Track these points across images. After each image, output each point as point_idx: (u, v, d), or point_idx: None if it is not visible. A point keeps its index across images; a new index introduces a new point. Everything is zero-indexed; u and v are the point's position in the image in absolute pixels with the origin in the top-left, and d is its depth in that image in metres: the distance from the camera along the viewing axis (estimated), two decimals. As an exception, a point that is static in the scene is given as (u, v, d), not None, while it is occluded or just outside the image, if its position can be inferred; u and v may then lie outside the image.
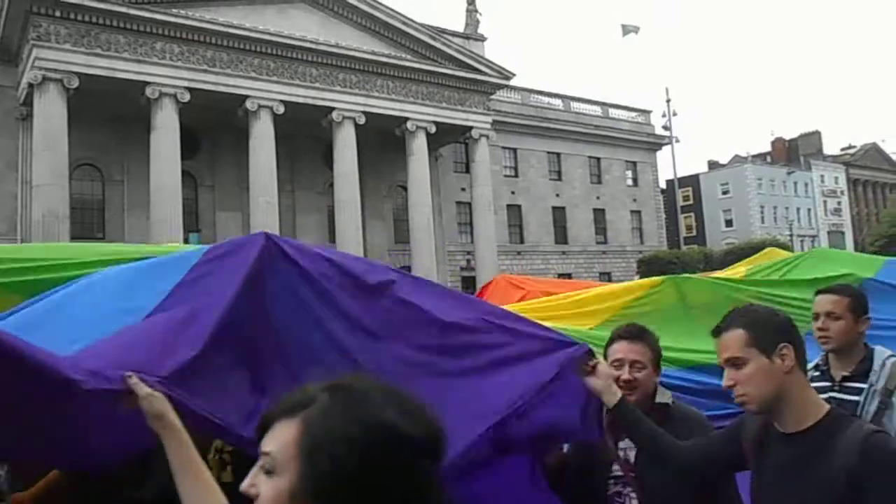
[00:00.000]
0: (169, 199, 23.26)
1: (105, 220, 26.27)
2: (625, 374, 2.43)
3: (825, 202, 64.37)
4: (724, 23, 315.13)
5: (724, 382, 1.92)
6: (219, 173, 28.64)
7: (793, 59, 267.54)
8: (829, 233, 63.42)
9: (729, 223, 59.31)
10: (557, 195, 39.60)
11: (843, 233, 64.72)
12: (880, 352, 2.88)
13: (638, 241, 42.66)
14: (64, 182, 22.02)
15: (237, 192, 28.00)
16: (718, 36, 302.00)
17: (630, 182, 43.44)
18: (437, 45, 30.29)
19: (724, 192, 60.41)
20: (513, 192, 37.71)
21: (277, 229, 25.71)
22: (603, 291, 4.24)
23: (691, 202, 60.15)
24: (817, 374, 2.96)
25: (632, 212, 43.00)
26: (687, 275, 4.17)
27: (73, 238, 22.38)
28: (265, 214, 25.23)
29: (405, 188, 31.04)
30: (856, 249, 59.60)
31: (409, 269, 29.42)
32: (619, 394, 2.19)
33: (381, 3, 28.83)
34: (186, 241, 24.89)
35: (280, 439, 1.00)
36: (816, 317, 2.99)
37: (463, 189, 34.31)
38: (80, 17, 22.43)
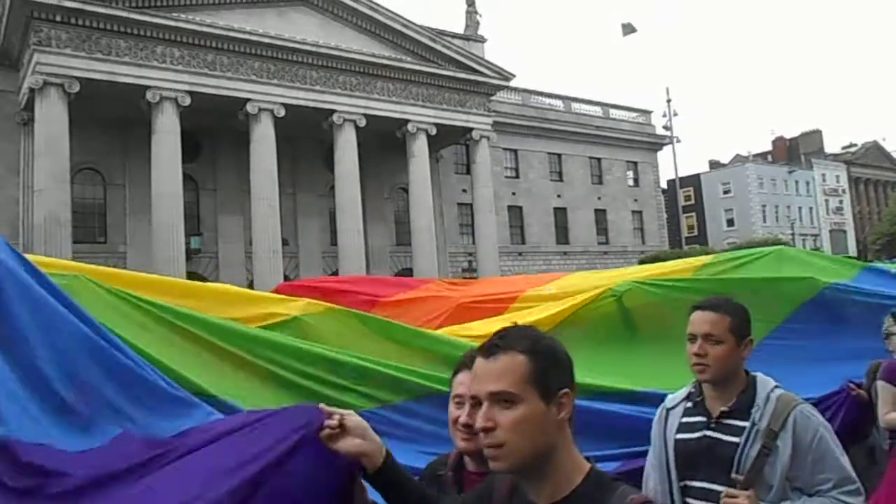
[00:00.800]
0: (170, 203, 23.28)
1: (107, 225, 26.30)
2: (463, 416, 1.84)
3: (827, 201, 64.31)
4: (725, 22, 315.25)
5: (478, 423, 1.42)
6: (220, 177, 28.67)
7: (793, 58, 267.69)
8: (830, 232, 63.37)
9: (730, 223, 59.27)
10: (558, 196, 39.60)
11: (844, 231, 64.66)
12: (764, 382, 2.41)
13: (639, 242, 42.64)
14: (65, 186, 22.04)
15: (238, 195, 28.02)
16: (719, 35, 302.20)
17: (631, 182, 43.43)
18: (438, 46, 30.31)
19: (726, 192, 60.37)
20: (514, 193, 37.72)
21: (279, 232, 25.78)
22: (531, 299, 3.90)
23: (693, 202, 60.11)
24: (690, 405, 2.47)
25: (633, 212, 42.99)
26: (631, 280, 3.86)
27: (75, 242, 22.43)
28: (266, 217, 25.26)
29: (406, 190, 31.05)
30: (857, 248, 59.58)
31: (410, 270, 29.46)
32: (384, 452, 1.57)
33: (380, 6, 28.86)
34: (188, 244, 24.95)
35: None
36: (692, 339, 2.43)
37: (464, 190, 34.31)
38: (80, 22, 22.47)
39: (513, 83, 33.93)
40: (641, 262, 36.52)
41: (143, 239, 24.63)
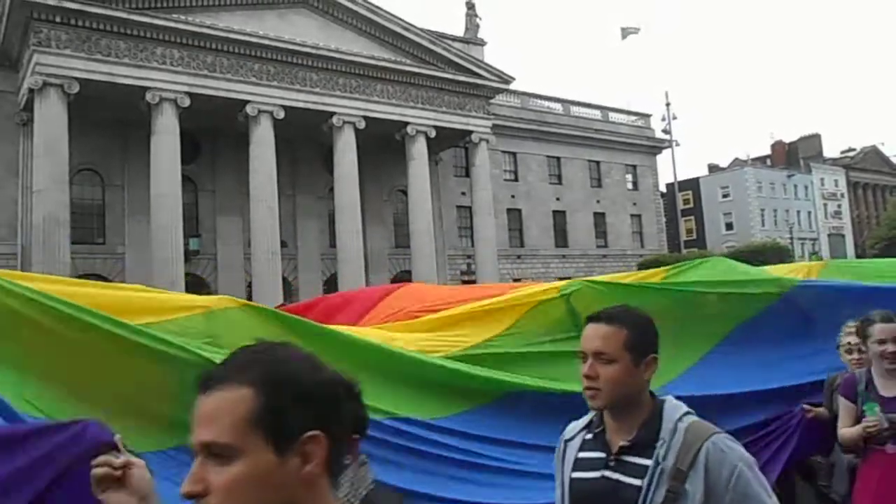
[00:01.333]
0: (169, 204, 23.26)
1: (105, 226, 26.28)
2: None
3: (825, 205, 64.39)
4: (724, 26, 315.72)
5: (184, 488, 1.01)
6: (219, 178, 28.66)
7: (792, 62, 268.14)
8: (829, 236, 63.44)
9: (729, 226, 59.32)
10: (558, 199, 39.61)
11: (843, 236, 64.74)
12: (672, 409, 1.98)
13: (638, 245, 42.65)
14: (64, 187, 22.03)
15: (238, 196, 28.01)
16: (718, 39, 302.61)
17: (630, 186, 43.45)
18: (437, 49, 30.34)
19: (725, 196, 60.43)
20: (513, 196, 37.73)
21: (278, 234, 25.76)
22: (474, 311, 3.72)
23: (692, 206, 60.15)
24: (589, 436, 2.07)
25: (632, 215, 43.00)
26: (581, 280, 3.77)
27: (74, 243, 22.41)
28: (266, 219, 25.24)
29: (405, 192, 31.05)
30: (856, 252, 59.63)
31: (409, 273, 29.44)
32: None
33: (380, 8, 28.88)
34: (187, 245, 24.93)
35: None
36: (584, 358, 2.02)
37: (463, 193, 34.32)
38: (80, 23, 22.47)
39: (512, 86, 33.97)
40: (640, 265, 36.53)
41: (142, 240, 24.60)
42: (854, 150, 71.27)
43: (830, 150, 71.51)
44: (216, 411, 1.01)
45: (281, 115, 26.02)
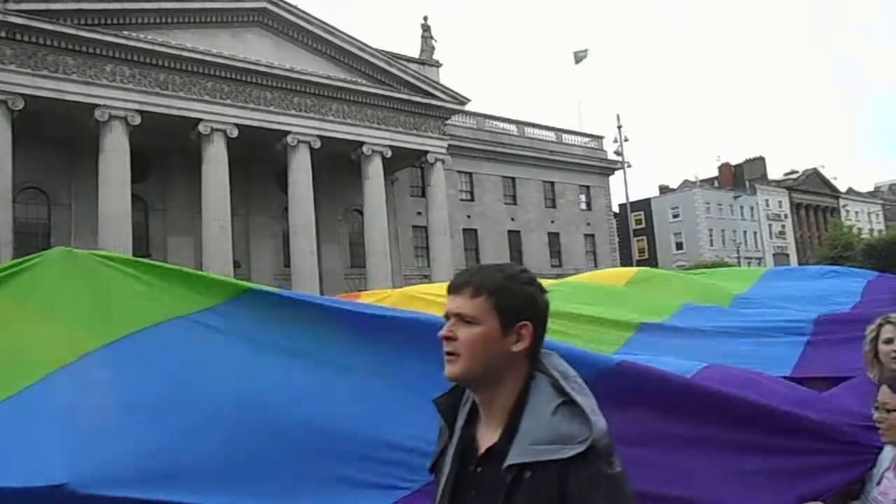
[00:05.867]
0: (118, 224, 22.72)
1: (51, 245, 25.28)
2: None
3: (770, 225, 66.40)
4: (675, 53, 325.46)
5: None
6: (170, 197, 28.12)
7: (737, 88, 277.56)
8: (774, 255, 65.36)
9: (679, 246, 60.66)
10: (513, 219, 39.99)
11: (787, 255, 66.76)
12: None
13: (592, 265, 43.24)
14: (7, 206, 21.35)
15: (189, 216, 27.50)
16: (668, 64, 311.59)
17: (584, 206, 44.16)
18: (393, 70, 30.49)
19: (675, 216, 61.85)
20: (469, 216, 37.95)
21: (230, 255, 25.36)
22: None
23: (643, 226, 61.44)
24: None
25: (585, 235, 43.65)
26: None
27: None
28: (218, 240, 24.84)
29: (361, 212, 30.94)
30: (800, 271, 61.40)
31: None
32: None
33: (336, 28, 28.93)
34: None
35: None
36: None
37: (419, 213, 34.37)
38: (26, 38, 21.93)
39: (468, 107, 34.30)
40: (594, 284, 37.10)
41: None
42: (797, 172, 73.79)
43: (774, 172, 73.97)
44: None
45: (234, 133, 25.74)
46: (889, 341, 3.23)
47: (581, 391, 1.47)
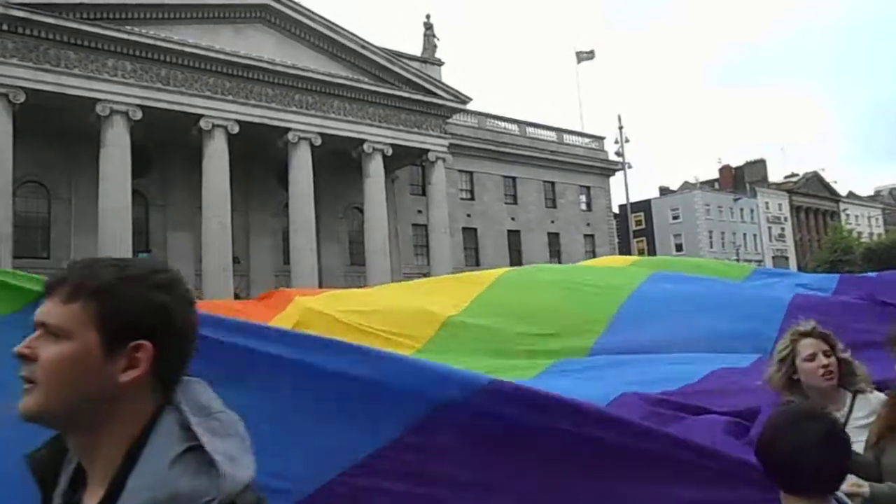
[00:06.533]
0: (118, 218, 22.71)
1: (50, 240, 25.47)
2: None
3: (770, 228, 66.39)
4: (677, 54, 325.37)
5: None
6: (170, 193, 28.10)
7: (740, 89, 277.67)
8: (773, 258, 65.34)
9: (679, 247, 60.63)
10: (513, 219, 39.98)
11: (787, 258, 66.75)
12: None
13: (591, 265, 43.22)
14: (7, 200, 21.34)
15: (189, 212, 27.48)
16: (671, 66, 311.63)
17: (584, 206, 44.15)
18: (395, 68, 30.46)
19: (675, 217, 61.85)
20: (469, 215, 37.93)
21: (230, 251, 25.35)
22: None
23: (643, 226, 61.45)
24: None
25: (585, 236, 43.65)
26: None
27: (16, 258, 21.64)
28: (218, 236, 24.83)
29: (361, 210, 30.93)
30: (799, 274, 61.42)
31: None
32: None
33: (338, 26, 28.90)
34: (135, 261, 24.26)
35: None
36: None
37: (419, 211, 34.36)
38: (28, 32, 21.92)
39: (469, 106, 34.29)
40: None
41: (89, 254, 23.34)
42: (797, 175, 73.76)
43: (775, 174, 73.92)
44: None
45: (235, 129, 25.71)
46: (812, 357, 2.83)
47: (221, 431, 1.07)
